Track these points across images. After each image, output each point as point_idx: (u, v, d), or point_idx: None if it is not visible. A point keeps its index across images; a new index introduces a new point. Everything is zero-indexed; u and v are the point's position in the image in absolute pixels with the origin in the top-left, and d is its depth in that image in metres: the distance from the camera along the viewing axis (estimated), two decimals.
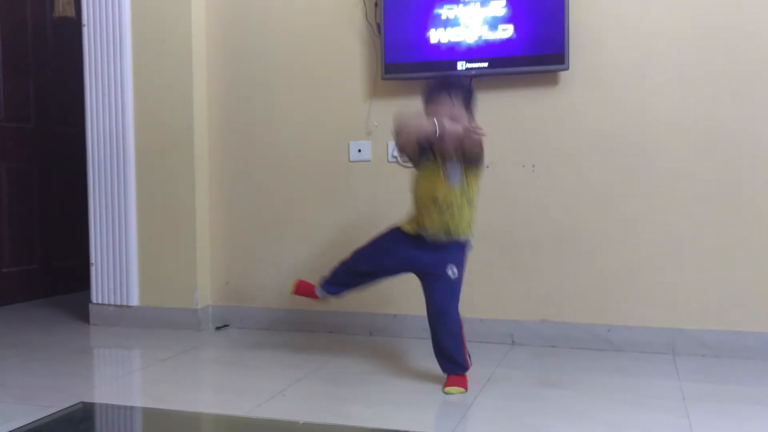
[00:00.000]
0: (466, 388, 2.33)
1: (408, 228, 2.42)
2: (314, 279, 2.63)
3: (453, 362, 2.37)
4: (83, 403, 2.25)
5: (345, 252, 2.70)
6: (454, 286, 2.37)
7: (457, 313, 2.37)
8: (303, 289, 2.61)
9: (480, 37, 2.87)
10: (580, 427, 2.04)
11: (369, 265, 2.50)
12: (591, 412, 2.15)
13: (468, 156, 2.30)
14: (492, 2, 2.84)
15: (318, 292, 2.59)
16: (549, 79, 2.89)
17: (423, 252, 2.38)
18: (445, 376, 2.38)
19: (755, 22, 2.68)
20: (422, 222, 2.36)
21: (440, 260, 2.36)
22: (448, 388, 2.32)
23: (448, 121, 2.24)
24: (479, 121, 2.97)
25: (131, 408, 2.29)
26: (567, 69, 2.80)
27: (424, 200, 2.36)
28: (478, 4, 2.86)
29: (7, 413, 2.17)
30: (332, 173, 3.19)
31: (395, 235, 2.45)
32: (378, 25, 3.02)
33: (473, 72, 2.89)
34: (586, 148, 2.87)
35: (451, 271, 2.35)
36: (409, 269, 2.45)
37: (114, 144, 3.34)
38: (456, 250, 2.38)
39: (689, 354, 2.75)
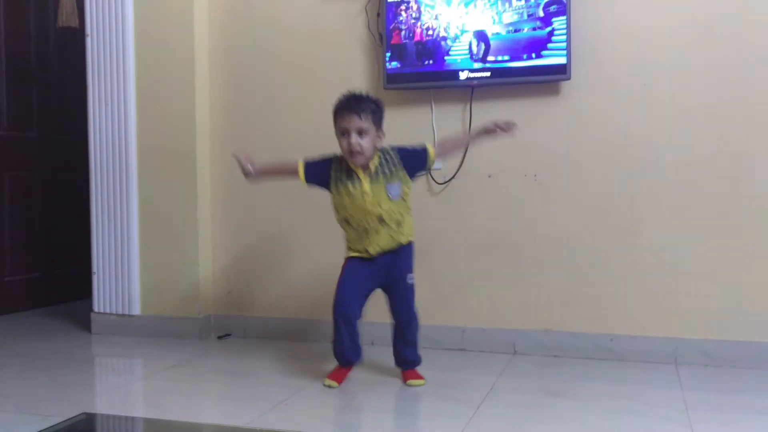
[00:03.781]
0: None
1: (356, 254, 2.53)
2: (317, 289, 2.63)
3: (415, 357, 2.57)
4: (86, 413, 2.25)
5: None
6: (413, 290, 2.57)
7: (416, 315, 2.58)
8: (340, 376, 2.55)
9: (482, 46, 2.88)
10: None
11: (356, 306, 2.53)
12: (593, 422, 2.15)
13: (411, 167, 2.50)
14: (494, 12, 2.85)
15: (346, 368, 2.58)
16: (551, 88, 2.90)
17: (380, 269, 2.52)
18: (400, 371, 2.58)
19: (758, 30, 2.68)
20: (368, 244, 2.49)
21: (398, 272, 2.53)
22: (414, 381, 2.51)
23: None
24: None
25: (133, 419, 2.29)
26: (569, 79, 2.81)
27: (363, 222, 2.47)
28: (481, 13, 2.87)
29: (9, 423, 2.17)
30: None
31: (352, 266, 2.54)
32: (380, 35, 3.03)
33: (475, 82, 2.89)
34: (588, 157, 2.88)
35: (410, 280, 2.55)
36: (378, 286, 2.57)
37: (116, 153, 3.35)
38: (407, 255, 2.56)
39: (692, 363, 2.75)
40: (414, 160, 2.50)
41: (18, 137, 4.04)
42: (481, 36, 2.88)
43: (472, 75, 2.89)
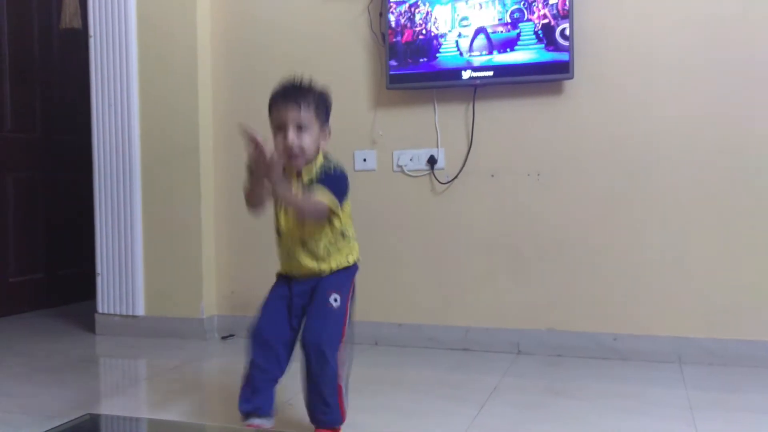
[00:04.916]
0: None
1: (280, 270, 2.08)
2: None
3: (328, 416, 1.93)
4: (90, 414, 2.25)
5: None
6: (337, 319, 1.93)
7: (337, 354, 1.90)
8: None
9: (485, 46, 2.88)
10: None
11: (271, 339, 1.97)
12: (597, 421, 2.15)
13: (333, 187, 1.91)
14: (497, 12, 2.85)
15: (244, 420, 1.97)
16: (554, 88, 2.89)
17: (300, 284, 2.00)
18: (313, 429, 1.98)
19: (761, 29, 2.68)
20: (292, 266, 2.01)
21: (320, 288, 1.96)
22: None
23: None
24: (483, 131, 3.00)
25: (137, 419, 2.29)
26: (572, 78, 2.81)
27: (287, 244, 2.01)
28: (484, 13, 2.87)
29: (14, 423, 2.18)
30: None
31: (273, 292, 2.06)
32: (383, 35, 3.04)
33: (478, 81, 2.89)
34: (591, 156, 2.87)
35: (333, 300, 1.93)
36: (300, 313, 1.99)
37: (120, 154, 3.35)
38: (337, 274, 1.98)
39: (696, 362, 2.74)
40: (335, 183, 1.94)
41: (21, 138, 4.05)
42: (484, 35, 2.88)
43: (474, 74, 2.89)
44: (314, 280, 1.97)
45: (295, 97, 1.91)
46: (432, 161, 3.05)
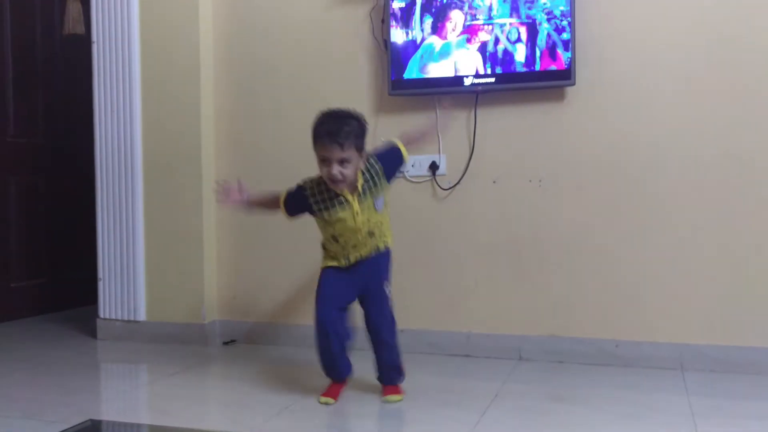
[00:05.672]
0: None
1: (336, 264, 2.43)
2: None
3: (399, 371, 2.47)
4: (92, 420, 2.25)
5: None
6: (390, 301, 2.45)
7: (396, 335, 2.47)
8: (335, 392, 2.43)
9: (487, 52, 2.88)
10: None
11: (341, 318, 2.42)
12: (599, 428, 2.14)
13: (390, 175, 2.38)
14: (499, 17, 2.86)
15: (340, 383, 2.47)
16: (555, 94, 2.90)
17: (358, 277, 2.40)
18: (381, 386, 2.47)
19: (762, 35, 2.68)
20: (352, 254, 2.39)
21: (377, 281, 2.41)
22: (392, 396, 2.40)
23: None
24: (485, 137, 3.00)
25: (139, 425, 2.29)
26: (573, 84, 2.81)
27: (353, 239, 2.36)
28: (486, 19, 2.88)
29: (16, 429, 2.18)
30: None
31: (329, 277, 2.44)
32: (385, 41, 3.04)
33: (480, 88, 2.90)
34: (593, 162, 2.88)
35: (387, 289, 2.43)
36: (357, 295, 2.45)
37: (122, 159, 3.36)
38: (384, 263, 2.44)
39: (697, 369, 2.74)
40: (393, 161, 2.39)
41: (24, 143, 4.06)
42: (485, 41, 2.88)
43: (476, 81, 2.90)
44: (368, 264, 2.39)
45: (337, 136, 2.19)
46: (434, 167, 3.05)
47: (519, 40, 2.85)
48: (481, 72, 2.89)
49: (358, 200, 2.31)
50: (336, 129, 2.21)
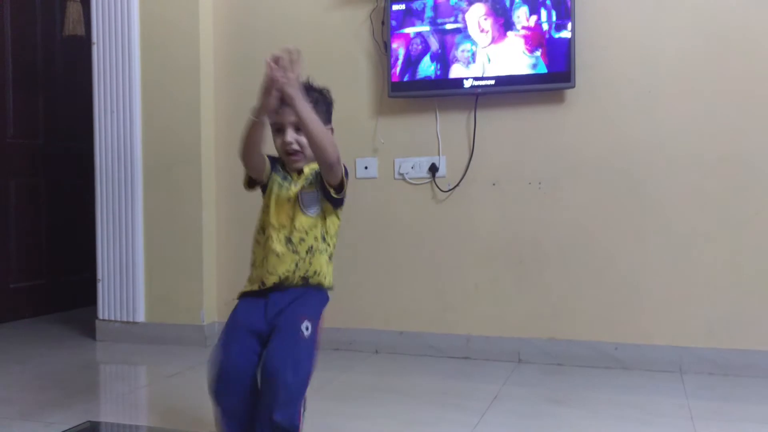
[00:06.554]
0: None
1: (248, 289, 1.92)
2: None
3: None
4: (90, 421, 2.25)
5: (351, 268, 2.68)
6: (308, 349, 1.74)
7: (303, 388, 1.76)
8: None
9: (487, 55, 2.88)
10: None
11: (244, 385, 1.80)
12: (598, 430, 2.14)
13: (327, 179, 1.83)
14: (499, 19, 2.86)
15: None
16: (555, 96, 2.90)
17: (271, 307, 1.82)
18: None
19: (763, 37, 2.68)
20: (266, 271, 1.86)
21: (291, 311, 1.78)
22: None
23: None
24: (485, 139, 3.00)
25: (137, 427, 2.29)
26: (573, 87, 2.81)
27: (269, 244, 1.86)
28: (485, 19, 2.88)
29: (14, 430, 2.17)
30: None
31: (238, 315, 1.89)
32: (384, 43, 3.04)
33: (479, 90, 2.90)
34: (593, 165, 2.88)
35: (305, 327, 1.74)
36: (264, 341, 1.78)
37: (122, 160, 3.36)
38: (312, 299, 1.83)
39: (697, 372, 2.74)
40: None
41: (24, 145, 4.06)
42: (485, 43, 2.88)
43: (476, 83, 2.90)
44: (288, 295, 1.81)
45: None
46: (433, 169, 3.05)
47: (519, 41, 2.84)
48: (481, 74, 2.89)
49: (302, 184, 1.88)
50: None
